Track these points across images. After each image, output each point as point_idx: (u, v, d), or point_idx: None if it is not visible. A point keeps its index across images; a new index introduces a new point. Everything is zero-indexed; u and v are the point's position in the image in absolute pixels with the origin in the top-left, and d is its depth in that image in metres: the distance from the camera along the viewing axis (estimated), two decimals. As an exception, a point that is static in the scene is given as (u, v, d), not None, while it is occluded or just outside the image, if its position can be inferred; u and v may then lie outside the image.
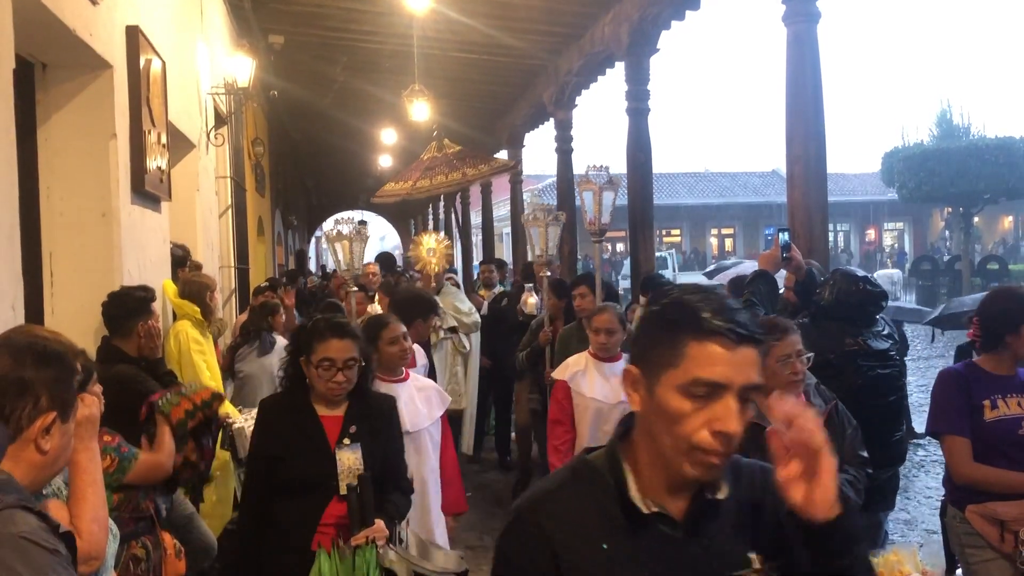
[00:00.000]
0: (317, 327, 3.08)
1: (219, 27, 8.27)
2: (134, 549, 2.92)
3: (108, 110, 4.17)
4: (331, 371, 3.00)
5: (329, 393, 3.03)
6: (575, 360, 4.66)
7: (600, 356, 4.59)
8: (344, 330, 3.07)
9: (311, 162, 20.77)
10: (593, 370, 4.53)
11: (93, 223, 4.10)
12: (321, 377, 3.01)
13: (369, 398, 3.18)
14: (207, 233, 6.94)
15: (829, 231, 5.67)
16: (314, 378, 3.04)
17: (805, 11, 5.18)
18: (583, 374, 4.53)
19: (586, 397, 4.45)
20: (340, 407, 3.10)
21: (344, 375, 3.01)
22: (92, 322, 4.00)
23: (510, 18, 9.11)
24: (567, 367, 4.63)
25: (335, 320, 3.16)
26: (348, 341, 3.04)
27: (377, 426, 3.13)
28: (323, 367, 3.00)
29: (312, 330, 3.08)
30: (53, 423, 1.75)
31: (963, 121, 28.60)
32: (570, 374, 4.56)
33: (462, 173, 8.88)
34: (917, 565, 3.14)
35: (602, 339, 4.54)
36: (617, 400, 4.31)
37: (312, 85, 12.24)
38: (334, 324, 3.09)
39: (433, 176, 8.92)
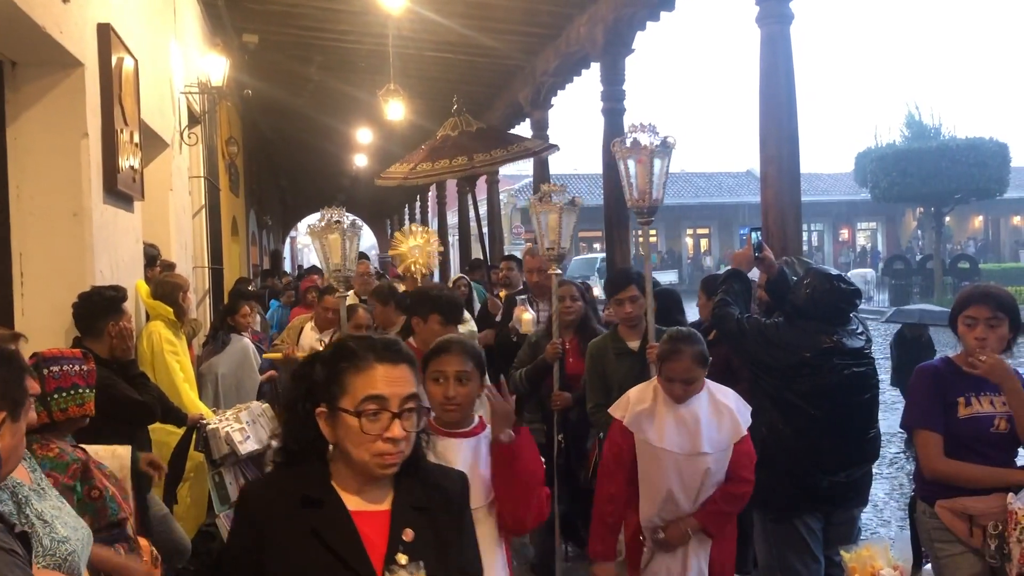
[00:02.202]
0: (352, 349, 1.85)
1: (192, 26, 8.21)
2: None
3: (79, 108, 4.12)
4: (381, 421, 1.79)
5: (379, 465, 1.81)
6: (640, 394, 3.55)
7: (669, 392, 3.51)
8: (400, 352, 1.87)
9: (286, 162, 20.68)
10: (665, 412, 3.44)
11: (64, 223, 4.05)
12: (366, 435, 1.78)
13: (428, 476, 1.97)
14: (181, 233, 6.89)
15: (803, 231, 5.71)
16: (349, 439, 1.80)
17: (778, 12, 5.21)
18: (650, 417, 3.45)
19: (655, 447, 3.41)
20: (383, 495, 1.89)
21: (403, 427, 1.80)
22: (63, 323, 3.96)
23: (486, 18, 9.11)
24: (628, 403, 3.54)
25: (385, 338, 1.93)
26: (405, 369, 1.85)
27: (446, 527, 1.92)
28: (368, 415, 1.78)
29: (343, 353, 1.85)
30: (3, 423, 1.73)
31: (934, 122, 28.93)
32: (632, 415, 3.48)
33: (469, 158, 7.39)
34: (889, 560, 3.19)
35: (678, 391, 3.41)
36: (697, 449, 3.35)
37: (287, 84, 12.18)
38: (386, 343, 1.89)
39: (436, 159, 7.58)
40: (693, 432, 3.38)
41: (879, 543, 3.25)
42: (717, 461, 3.40)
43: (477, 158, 7.57)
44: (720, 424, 3.42)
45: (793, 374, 3.81)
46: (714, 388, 3.53)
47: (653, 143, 4.14)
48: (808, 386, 3.79)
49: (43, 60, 3.99)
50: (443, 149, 7.78)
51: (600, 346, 4.53)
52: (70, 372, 2.99)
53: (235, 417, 4.75)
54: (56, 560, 2.19)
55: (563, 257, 4.89)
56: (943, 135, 27.91)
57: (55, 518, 2.28)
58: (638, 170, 4.20)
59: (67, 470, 2.76)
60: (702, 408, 3.43)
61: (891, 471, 8.03)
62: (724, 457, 3.41)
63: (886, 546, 3.25)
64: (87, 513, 2.66)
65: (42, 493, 2.35)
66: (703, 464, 3.39)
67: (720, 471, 3.42)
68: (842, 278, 4.00)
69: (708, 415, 3.42)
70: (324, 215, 4.41)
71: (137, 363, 4.26)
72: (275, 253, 24.30)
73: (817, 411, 3.77)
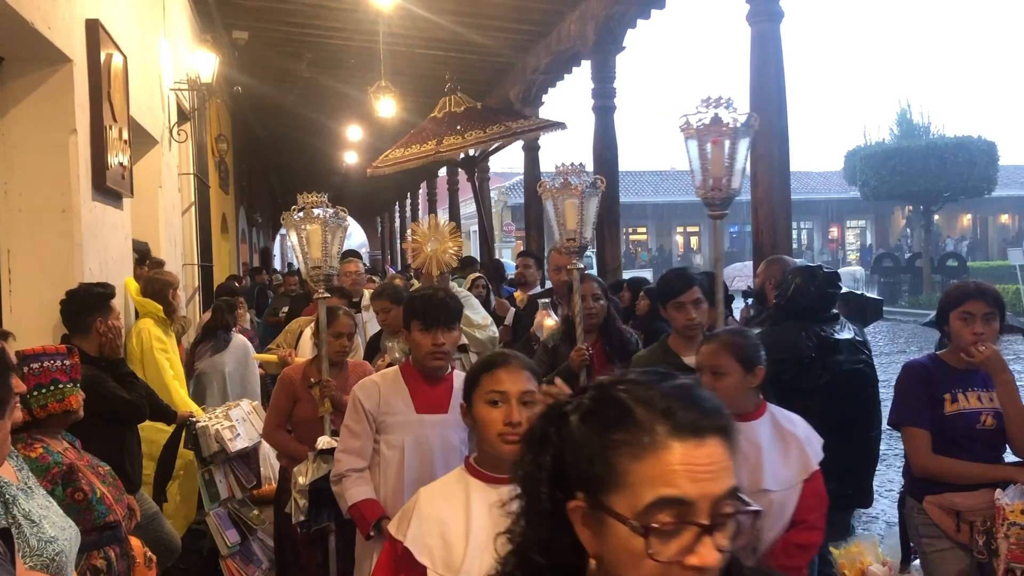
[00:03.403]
0: (625, 407, 1.11)
1: (182, 22, 8.17)
2: (94, 560, 2.78)
3: (68, 105, 4.10)
4: (681, 539, 1.05)
5: None
6: None
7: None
8: (711, 416, 1.16)
9: (276, 159, 20.62)
10: None
11: (53, 219, 4.03)
12: (655, 562, 1.04)
13: None
14: (170, 230, 6.86)
15: (792, 229, 5.73)
16: (624, 561, 1.07)
17: (768, 11, 5.23)
18: None
19: None
20: None
21: (717, 546, 1.06)
22: (51, 320, 3.94)
23: (478, 15, 9.10)
24: None
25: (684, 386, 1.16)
26: (718, 446, 1.14)
27: None
28: (660, 531, 1.05)
29: (611, 413, 1.11)
30: None
31: (923, 120, 29.04)
32: None
33: (462, 138, 6.70)
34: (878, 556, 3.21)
35: (707, 379, 2.84)
36: (756, 486, 2.72)
37: (277, 81, 12.14)
38: (686, 395, 1.15)
39: (423, 142, 6.85)
40: (753, 464, 2.77)
41: (868, 540, 3.28)
42: (781, 502, 2.77)
43: (470, 136, 6.81)
44: (786, 456, 2.84)
45: (785, 373, 3.77)
46: (779, 414, 2.95)
47: (736, 120, 3.37)
48: (808, 384, 3.77)
49: (31, 56, 3.97)
50: (439, 130, 7.01)
51: (647, 360, 3.77)
52: (51, 368, 2.94)
53: (225, 415, 4.74)
54: (43, 561, 2.18)
55: (585, 250, 4.21)
56: (932, 134, 28.03)
57: (43, 518, 2.27)
58: (712, 153, 3.42)
59: (47, 473, 2.73)
60: (764, 436, 2.85)
61: (880, 468, 8.06)
62: (790, 497, 2.79)
63: (875, 542, 3.28)
64: (70, 516, 2.62)
65: (29, 492, 2.33)
66: (763, 503, 2.64)
67: (784, 514, 2.79)
68: (821, 268, 4.04)
69: (771, 445, 2.86)
70: (302, 201, 3.85)
71: (126, 361, 4.24)
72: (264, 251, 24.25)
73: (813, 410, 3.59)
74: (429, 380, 3.10)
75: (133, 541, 2.98)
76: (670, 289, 3.76)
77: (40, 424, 2.88)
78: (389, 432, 3.04)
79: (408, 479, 2.95)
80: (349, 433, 3.09)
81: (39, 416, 2.86)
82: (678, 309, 3.69)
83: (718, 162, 3.46)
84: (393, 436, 3.03)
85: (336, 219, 3.92)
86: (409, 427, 3.03)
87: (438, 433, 3.02)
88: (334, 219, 3.90)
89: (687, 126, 3.49)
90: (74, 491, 2.74)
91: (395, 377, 3.14)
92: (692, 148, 3.50)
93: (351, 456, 3.07)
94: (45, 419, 2.88)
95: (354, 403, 3.09)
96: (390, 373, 3.19)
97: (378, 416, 3.05)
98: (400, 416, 3.03)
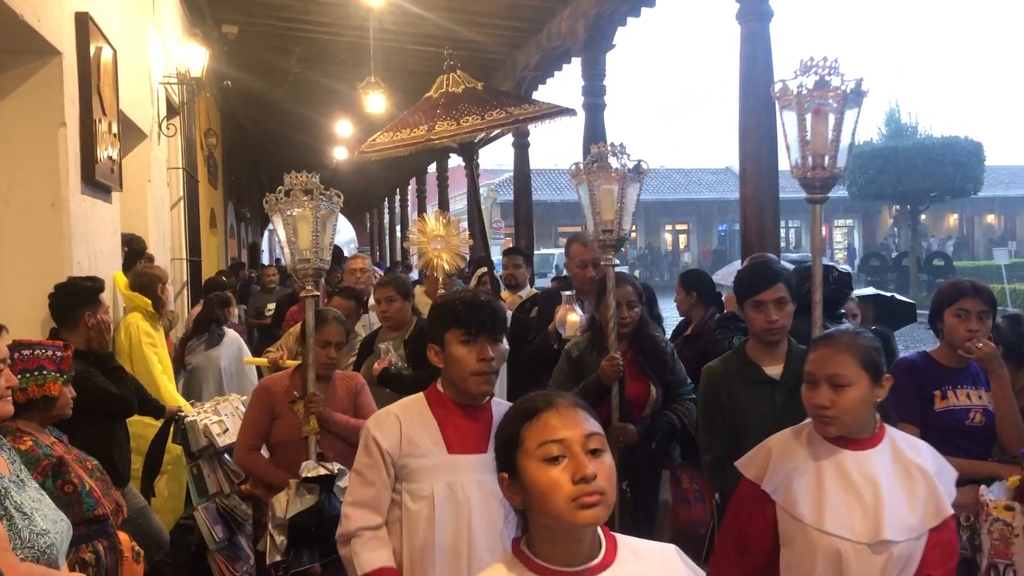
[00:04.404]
0: None
1: (171, 16, 8.14)
2: (83, 553, 2.76)
3: (57, 98, 4.09)
4: None
5: None
6: (785, 444, 2.37)
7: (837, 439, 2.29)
8: None
9: (265, 154, 20.55)
10: (826, 472, 2.26)
11: (42, 213, 4.02)
12: None
13: None
14: (159, 224, 6.85)
15: (780, 227, 5.76)
16: None
17: (758, 9, 5.25)
18: (801, 479, 2.27)
19: (809, 528, 2.22)
20: None
21: None
22: (40, 314, 3.93)
23: (469, 11, 9.10)
24: (767, 457, 2.37)
25: None
26: None
27: None
28: None
29: None
30: None
31: (911, 120, 29.23)
32: (775, 475, 2.32)
33: (456, 124, 5.80)
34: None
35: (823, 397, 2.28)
36: (876, 536, 2.17)
37: (266, 76, 12.11)
38: None
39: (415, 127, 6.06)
40: (871, 507, 2.19)
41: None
42: (905, 557, 2.18)
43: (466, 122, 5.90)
44: (912, 497, 2.23)
45: None
46: (901, 440, 2.34)
47: (846, 85, 2.85)
48: None
49: (20, 48, 3.95)
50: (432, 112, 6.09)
51: (722, 372, 3.19)
52: (40, 356, 2.93)
53: (213, 409, 4.73)
54: (35, 553, 2.18)
55: (622, 244, 3.67)
56: (920, 134, 28.20)
57: (35, 510, 2.27)
58: (814, 125, 2.88)
59: (36, 466, 2.72)
60: (883, 469, 2.24)
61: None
62: (915, 549, 2.20)
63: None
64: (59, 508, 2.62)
65: (21, 484, 2.33)
66: (882, 558, 2.17)
67: (908, 570, 2.20)
68: (835, 269, 4.07)
69: (893, 481, 2.23)
70: (289, 182, 3.32)
71: (114, 356, 4.23)
72: (253, 246, 24.16)
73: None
74: (465, 410, 2.41)
75: (121, 536, 2.97)
76: (749, 285, 3.19)
77: (22, 409, 2.85)
78: (414, 479, 2.35)
79: (440, 540, 2.32)
80: (360, 481, 2.40)
81: (19, 400, 2.80)
82: (757, 309, 3.12)
83: (820, 136, 2.89)
84: (419, 485, 2.35)
85: (329, 203, 3.36)
86: (440, 472, 2.34)
87: (476, 479, 2.33)
88: (327, 203, 3.35)
89: (784, 92, 2.92)
90: (64, 483, 2.74)
91: (420, 408, 2.44)
92: (789, 119, 2.95)
93: (363, 511, 2.37)
94: (25, 404, 2.85)
95: (367, 443, 2.40)
96: (412, 403, 2.47)
97: (399, 459, 2.36)
98: (428, 458, 2.35)
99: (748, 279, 3.24)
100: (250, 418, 3.72)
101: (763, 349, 3.15)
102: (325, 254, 3.42)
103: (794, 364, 3.01)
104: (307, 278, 3.40)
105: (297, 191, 3.30)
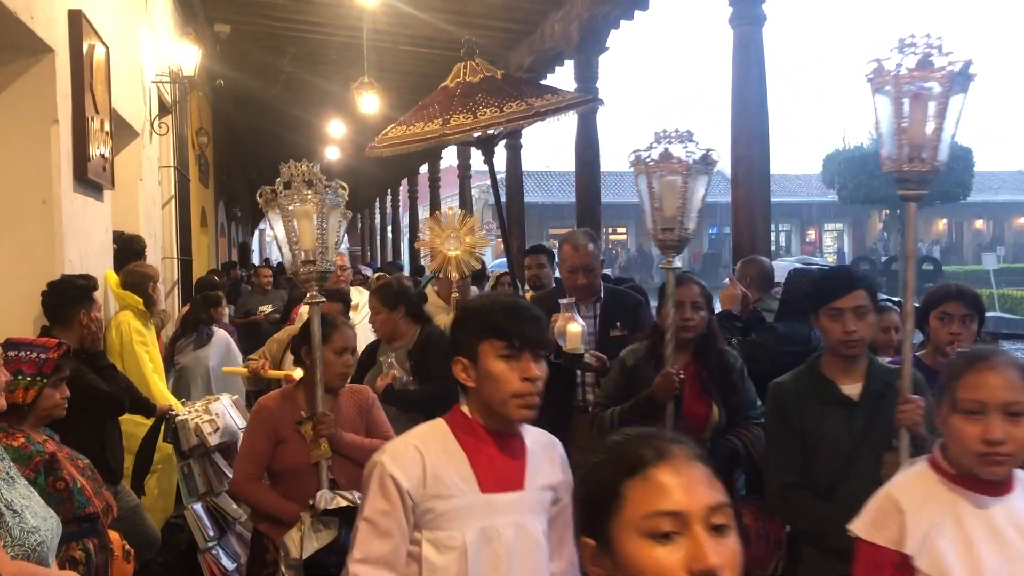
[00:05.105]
0: None
1: (164, 14, 8.13)
2: (73, 551, 2.76)
3: (50, 95, 4.08)
4: None
5: None
6: (911, 495, 1.95)
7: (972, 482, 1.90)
8: None
9: (256, 154, 20.50)
10: (973, 524, 1.87)
11: (34, 210, 4.01)
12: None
13: None
14: (150, 223, 6.83)
15: (771, 231, 5.79)
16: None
17: (751, 14, 5.28)
18: (946, 536, 1.87)
19: None
20: None
21: None
22: (32, 311, 3.92)
23: (463, 12, 9.11)
24: (900, 514, 1.93)
25: None
26: None
27: None
28: None
29: None
30: None
31: (901, 125, 29.45)
32: (918, 536, 1.89)
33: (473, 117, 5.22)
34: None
35: (997, 430, 1.85)
36: None
37: (259, 76, 12.09)
38: None
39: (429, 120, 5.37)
40: (1017, 556, 1.83)
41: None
42: None
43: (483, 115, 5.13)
44: None
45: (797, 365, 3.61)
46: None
47: (951, 67, 2.47)
48: None
49: (13, 45, 3.94)
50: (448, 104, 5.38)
51: (792, 389, 2.85)
52: (23, 359, 2.89)
53: (204, 408, 4.72)
54: (25, 550, 2.18)
55: (685, 244, 3.24)
56: (910, 139, 28.38)
57: (25, 508, 2.27)
58: (912, 112, 2.52)
59: (29, 462, 2.72)
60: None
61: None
62: None
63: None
64: (51, 506, 2.61)
65: (11, 482, 2.33)
66: None
67: None
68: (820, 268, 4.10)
69: None
70: (287, 172, 2.98)
71: (106, 354, 4.22)
72: (243, 245, 24.11)
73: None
74: (498, 438, 1.98)
75: (111, 534, 2.97)
76: (825, 291, 2.84)
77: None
78: (440, 526, 1.91)
79: None
80: (372, 532, 1.91)
81: None
82: (833, 318, 2.75)
83: (919, 125, 2.53)
84: (447, 532, 1.91)
85: (335, 197, 3.03)
86: (472, 516, 1.92)
87: (514, 522, 1.94)
88: (333, 197, 3.01)
89: (879, 72, 2.56)
90: (56, 480, 2.74)
91: (442, 437, 1.99)
92: (882, 105, 2.60)
93: (378, 571, 1.90)
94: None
95: (382, 483, 1.92)
96: (432, 431, 2.02)
97: (422, 502, 1.91)
98: (458, 499, 1.91)
99: (824, 284, 2.91)
100: (249, 444, 3.28)
101: (839, 365, 2.78)
102: (331, 255, 3.09)
103: (875, 383, 2.73)
104: (311, 283, 3.07)
105: (299, 183, 2.97)
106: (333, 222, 3.06)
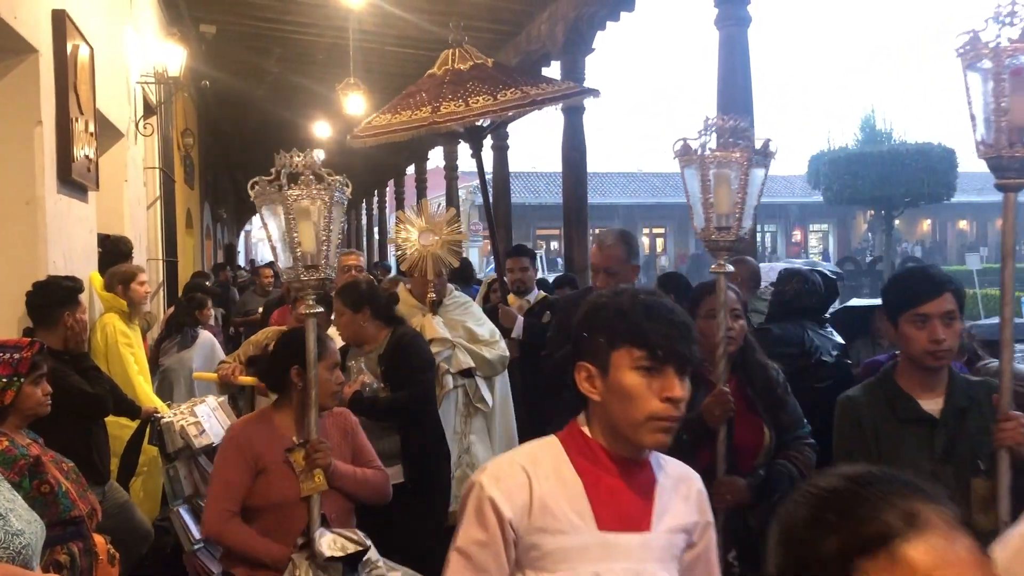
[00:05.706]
0: None
1: (149, 15, 8.09)
2: (57, 555, 2.72)
3: (33, 96, 4.06)
4: None
5: None
6: None
7: None
8: None
9: (242, 155, 20.42)
10: None
11: (17, 211, 3.99)
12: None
13: None
14: (135, 224, 6.79)
15: (756, 231, 5.82)
16: None
17: (736, 15, 5.31)
18: None
19: None
20: None
21: None
22: (15, 312, 3.89)
23: (448, 14, 9.08)
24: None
25: None
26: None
27: None
28: None
29: None
30: None
31: (886, 127, 29.63)
32: None
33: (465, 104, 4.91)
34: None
35: None
36: None
37: (245, 76, 12.04)
38: None
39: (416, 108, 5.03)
40: None
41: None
42: None
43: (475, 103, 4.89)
44: None
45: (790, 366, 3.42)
46: None
47: None
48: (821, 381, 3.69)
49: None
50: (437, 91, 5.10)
51: (865, 403, 2.55)
52: None
53: (190, 410, 4.70)
54: (10, 553, 2.17)
55: (739, 245, 2.92)
56: (894, 140, 28.59)
57: (9, 511, 2.26)
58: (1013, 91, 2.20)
59: (13, 466, 2.69)
60: None
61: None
62: None
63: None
64: (35, 509, 2.58)
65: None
66: None
67: None
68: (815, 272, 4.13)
69: None
70: (283, 162, 2.61)
71: (90, 355, 4.20)
72: (229, 247, 24.01)
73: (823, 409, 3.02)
74: (624, 468, 1.65)
75: (97, 538, 2.95)
76: (909, 294, 2.48)
77: None
78: (547, 567, 1.60)
79: None
80: (466, 566, 1.61)
81: None
82: (919, 325, 2.42)
83: (1021, 105, 2.19)
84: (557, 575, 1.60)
85: (339, 193, 2.69)
86: (586, 558, 1.59)
87: (635, 570, 1.60)
88: (339, 191, 2.68)
89: (973, 45, 2.25)
90: (40, 484, 2.72)
91: (555, 459, 1.67)
92: (974, 83, 2.29)
93: None
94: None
95: (480, 507, 1.61)
96: (544, 451, 1.69)
97: (526, 535, 1.60)
98: (570, 536, 1.59)
99: (907, 286, 2.53)
100: (223, 477, 2.82)
101: (918, 377, 2.49)
102: (333, 259, 2.76)
103: (958, 398, 2.44)
104: (307, 292, 2.69)
105: (305, 175, 2.61)
106: (336, 223, 2.73)
